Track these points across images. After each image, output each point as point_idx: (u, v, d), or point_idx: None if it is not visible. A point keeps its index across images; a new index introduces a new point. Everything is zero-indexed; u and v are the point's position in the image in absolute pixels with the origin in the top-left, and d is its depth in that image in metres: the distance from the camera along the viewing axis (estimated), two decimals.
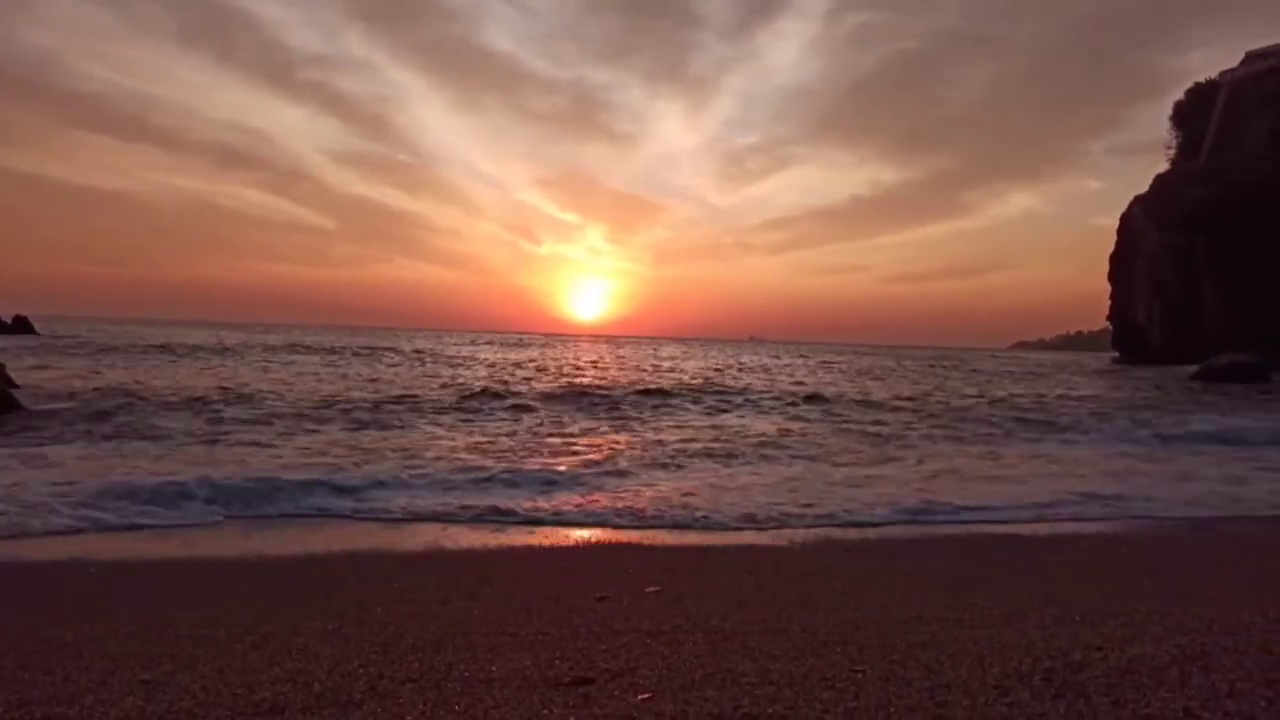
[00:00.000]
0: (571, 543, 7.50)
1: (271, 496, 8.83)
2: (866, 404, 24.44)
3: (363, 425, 16.13)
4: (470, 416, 18.63)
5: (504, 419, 18.47)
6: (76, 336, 52.77)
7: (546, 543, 7.37)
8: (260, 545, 7.10)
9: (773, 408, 22.92)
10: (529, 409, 20.33)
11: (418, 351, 52.35)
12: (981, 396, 28.75)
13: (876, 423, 19.56)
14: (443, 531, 7.73)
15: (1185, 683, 3.42)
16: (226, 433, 14.36)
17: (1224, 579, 5.89)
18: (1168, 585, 5.64)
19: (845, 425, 18.94)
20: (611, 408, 21.26)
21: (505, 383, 27.75)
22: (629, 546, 7.23)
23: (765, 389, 28.83)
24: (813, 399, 25.19)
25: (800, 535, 7.82)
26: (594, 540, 7.60)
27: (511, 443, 14.44)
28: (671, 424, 18.42)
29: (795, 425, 18.75)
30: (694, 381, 31.17)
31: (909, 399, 26.51)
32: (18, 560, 6.40)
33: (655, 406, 22.05)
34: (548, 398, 23.08)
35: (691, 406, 22.56)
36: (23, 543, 7.04)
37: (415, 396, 21.81)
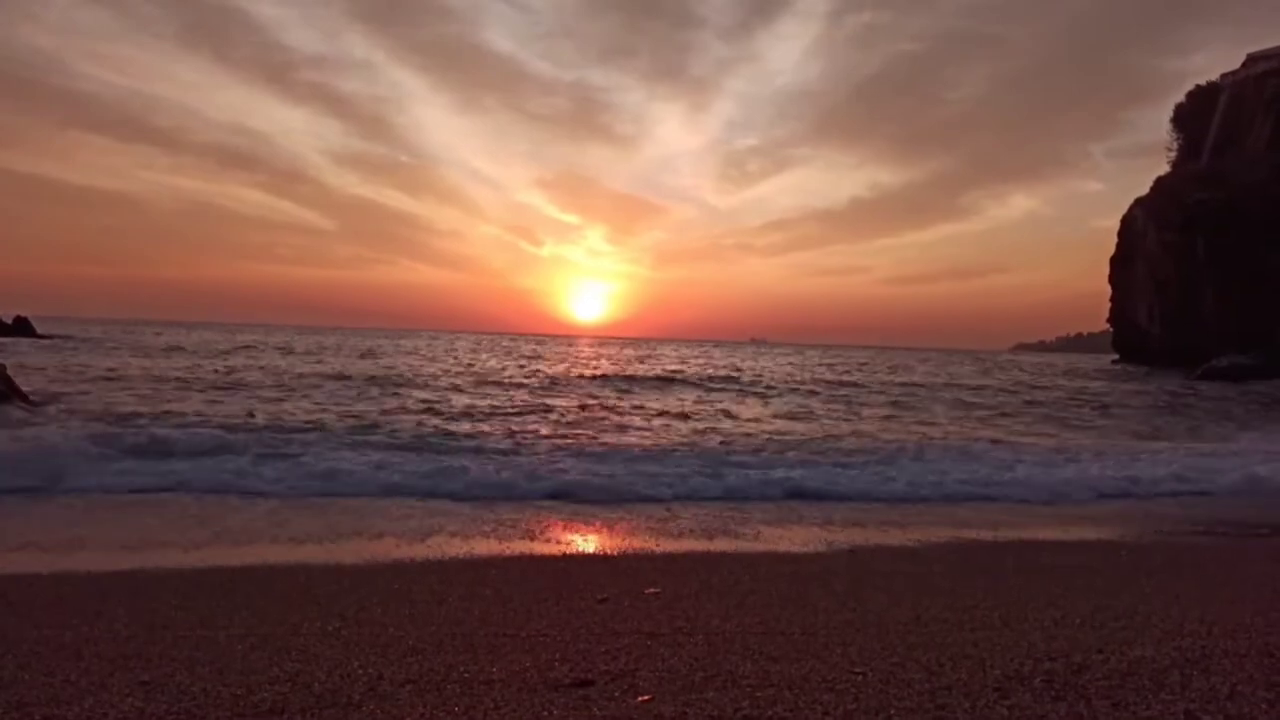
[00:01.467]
0: (570, 543, 7.49)
1: None
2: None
3: None
4: None
5: None
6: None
7: (546, 544, 7.36)
8: (261, 545, 7.09)
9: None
10: None
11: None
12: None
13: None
14: (441, 531, 7.71)
15: (1186, 685, 3.42)
16: None
17: (1225, 581, 5.89)
18: (1168, 588, 5.63)
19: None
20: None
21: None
22: (629, 546, 7.22)
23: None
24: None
25: (801, 536, 7.81)
26: (594, 540, 7.59)
27: None
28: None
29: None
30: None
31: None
32: (16, 562, 6.39)
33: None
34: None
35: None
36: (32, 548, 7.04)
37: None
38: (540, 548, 7.20)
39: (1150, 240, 72.70)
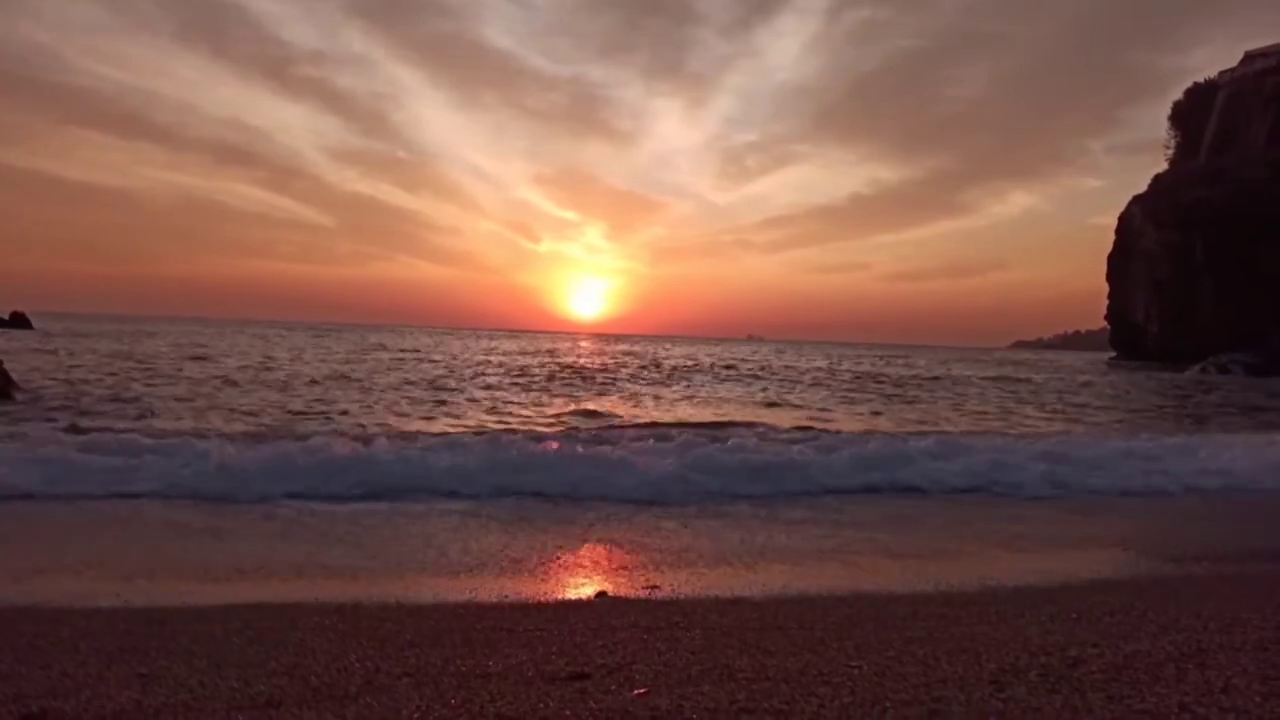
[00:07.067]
0: (569, 538, 7.48)
1: None
2: None
3: None
4: None
5: None
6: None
7: (544, 537, 7.35)
8: (257, 542, 7.09)
9: None
10: None
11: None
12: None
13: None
14: (439, 524, 7.72)
15: (1181, 678, 3.42)
16: None
17: (1221, 577, 5.91)
18: (1165, 582, 5.65)
19: None
20: None
21: None
22: (627, 543, 7.23)
23: None
24: None
25: (799, 531, 7.81)
26: (592, 536, 7.59)
27: None
28: None
29: None
30: None
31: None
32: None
33: None
34: None
35: None
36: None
37: None
38: (538, 542, 7.19)
39: (1148, 239, 72.80)
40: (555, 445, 11.54)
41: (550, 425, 16.94)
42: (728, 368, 44.21)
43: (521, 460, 10.11)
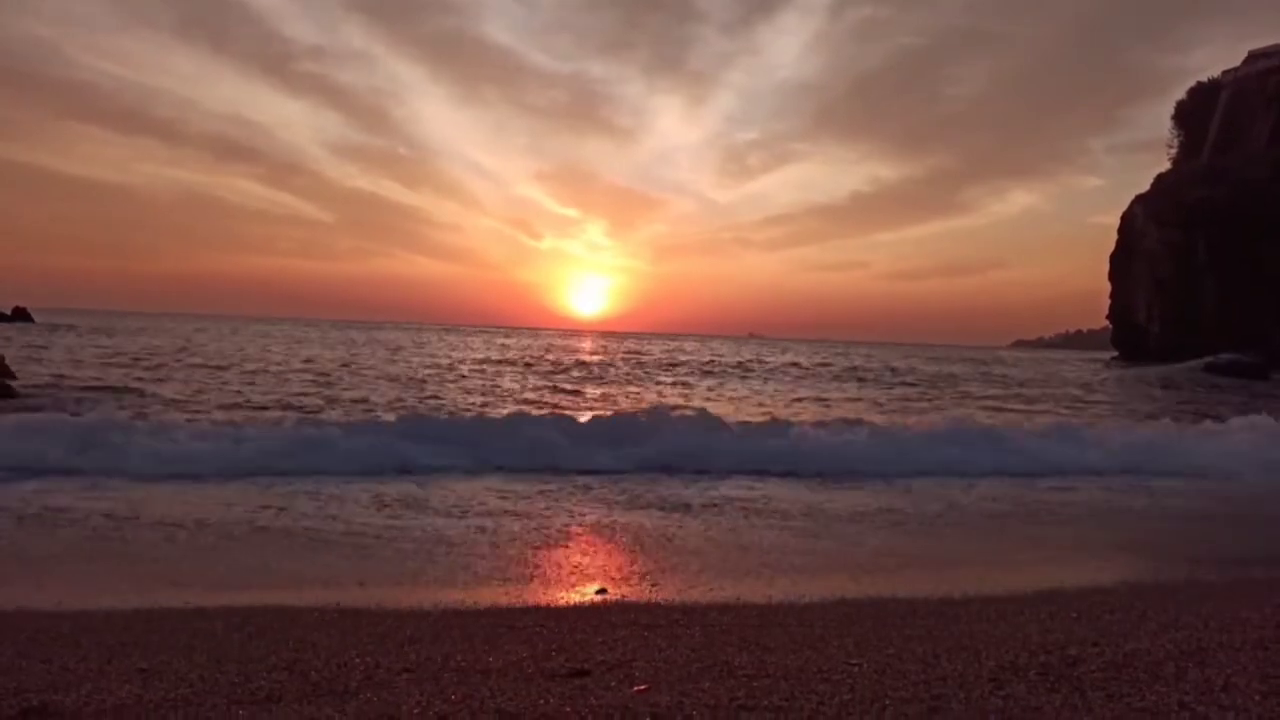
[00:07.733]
0: (569, 534, 7.48)
1: None
2: None
3: None
4: None
5: None
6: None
7: (544, 534, 7.35)
8: (257, 535, 7.09)
9: None
10: None
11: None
12: None
13: None
14: (440, 519, 7.72)
15: (1181, 677, 3.42)
16: None
17: (1221, 577, 5.90)
18: (1165, 581, 5.65)
19: None
20: None
21: None
22: (627, 539, 7.22)
23: None
24: None
25: (798, 526, 7.81)
26: (592, 532, 7.59)
27: None
28: None
29: None
30: None
31: None
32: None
33: None
34: None
35: None
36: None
37: None
38: (538, 538, 7.19)
39: (1150, 238, 72.64)
40: None
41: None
42: (749, 364, 44.69)
43: None
